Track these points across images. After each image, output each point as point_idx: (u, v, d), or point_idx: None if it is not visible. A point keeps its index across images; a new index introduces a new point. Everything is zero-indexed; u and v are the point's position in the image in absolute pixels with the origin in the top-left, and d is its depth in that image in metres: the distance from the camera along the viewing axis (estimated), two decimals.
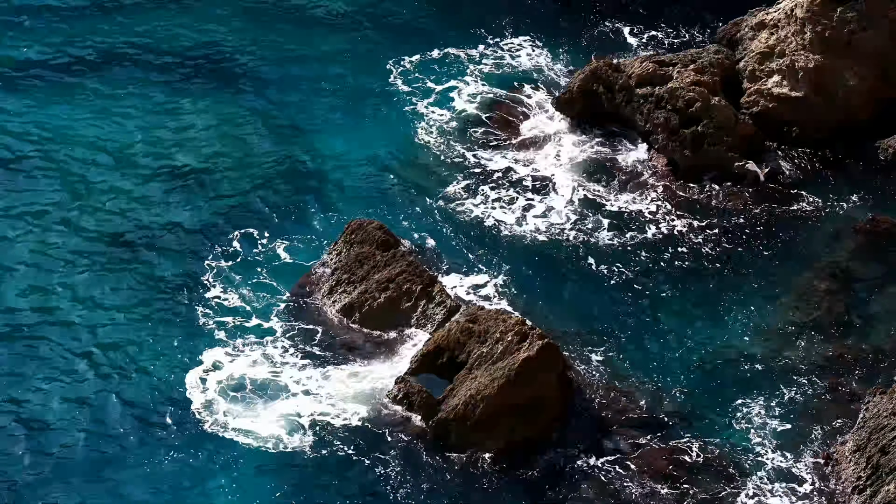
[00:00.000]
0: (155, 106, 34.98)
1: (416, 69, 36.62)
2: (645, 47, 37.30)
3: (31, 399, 26.61)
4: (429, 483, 25.35)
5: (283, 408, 26.60)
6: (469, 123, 34.51)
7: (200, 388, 26.92)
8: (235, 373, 27.30)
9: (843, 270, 30.20)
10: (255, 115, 34.90)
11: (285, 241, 30.69)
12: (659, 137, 33.23)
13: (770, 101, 33.95)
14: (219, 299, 28.96)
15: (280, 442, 25.94)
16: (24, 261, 29.81)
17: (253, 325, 28.38)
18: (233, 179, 32.56)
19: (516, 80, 36.09)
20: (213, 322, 28.38)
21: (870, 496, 24.53)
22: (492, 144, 33.83)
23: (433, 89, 35.80)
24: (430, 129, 34.33)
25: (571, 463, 25.77)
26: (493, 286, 29.50)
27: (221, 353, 27.73)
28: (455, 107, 35.07)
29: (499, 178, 32.81)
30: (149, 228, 30.93)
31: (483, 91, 35.68)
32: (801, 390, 27.34)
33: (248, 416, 26.44)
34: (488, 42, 37.79)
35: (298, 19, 38.95)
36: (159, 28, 38.05)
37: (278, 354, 27.75)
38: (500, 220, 31.52)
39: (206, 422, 26.24)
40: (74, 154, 33.04)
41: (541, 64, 36.88)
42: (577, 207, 31.96)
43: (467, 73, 36.39)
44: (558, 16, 39.03)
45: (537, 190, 32.42)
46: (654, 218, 31.67)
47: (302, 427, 26.25)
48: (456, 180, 32.67)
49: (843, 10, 33.16)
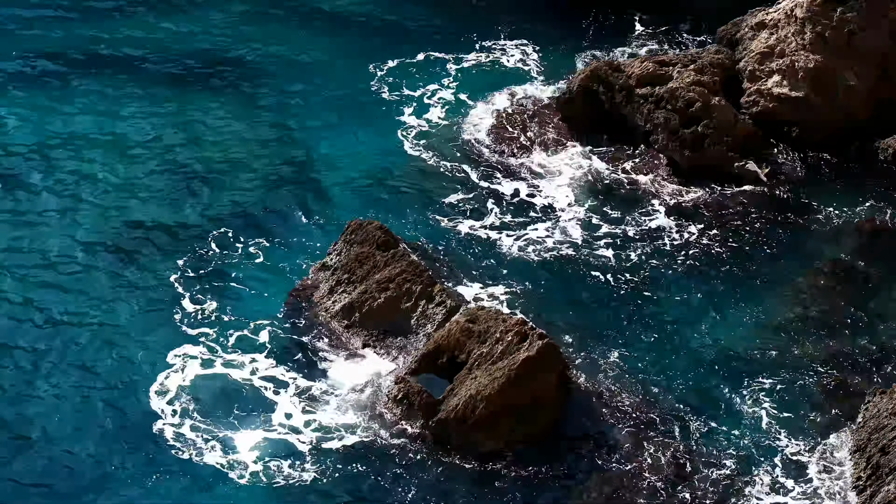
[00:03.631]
0: (149, 108, 34.96)
1: (414, 72, 36.63)
2: (645, 47, 37.28)
3: (17, 402, 26.60)
4: (429, 483, 25.35)
5: (282, 407, 26.61)
6: (467, 125, 34.49)
7: (200, 388, 26.95)
8: (235, 373, 27.31)
9: (843, 270, 30.21)
10: (254, 116, 34.91)
11: (285, 241, 30.70)
12: (659, 137, 33.24)
13: (770, 101, 33.96)
14: (218, 300, 28.97)
15: (279, 441, 25.95)
16: (20, 262, 29.86)
17: (253, 326, 28.38)
18: (231, 180, 32.58)
19: (515, 82, 36.09)
20: (214, 322, 28.39)
21: (870, 496, 24.53)
22: (490, 147, 33.81)
23: (432, 91, 35.83)
24: (428, 132, 34.31)
25: (571, 463, 25.78)
26: (493, 287, 29.50)
27: (221, 353, 27.74)
28: (454, 109, 35.07)
29: (497, 180, 32.81)
30: (146, 229, 30.92)
31: (481, 92, 35.67)
32: (802, 390, 27.35)
33: (248, 416, 26.48)
34: (488, 43, 37.80)
35: (296, 22, 38.99)
36: (152, 32, 38.04)
37: (278, 355, 27.76)
38: (498, 222, 31.51)
39: (205, 422, 26.28)
40: (72, 154, 33.07)
41: (539, 64, 36.88)
42: (577, 208, 31.95)
43: (466, 74, 36.42)
44: (557, 16, 39.02)
45: (535, 191, 32.42)
46: (654, 218, 31.67)
47: (301, 427, 26.25)
48: (454, 182, 32.65)
49: (843, 10, 33.17)
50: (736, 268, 30.40)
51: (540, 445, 26.00)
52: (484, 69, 36.71)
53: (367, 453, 25.82)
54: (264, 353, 27.77)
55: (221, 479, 25.19)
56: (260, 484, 25.16)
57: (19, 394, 26.70)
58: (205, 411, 26.49)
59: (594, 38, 38.04)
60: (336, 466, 25.59)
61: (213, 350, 27.81)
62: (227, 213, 31.55)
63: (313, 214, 31.65)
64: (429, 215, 31.60)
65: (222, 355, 27.70)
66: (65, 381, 26.99)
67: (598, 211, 31.87)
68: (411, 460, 25.74)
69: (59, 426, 26.07)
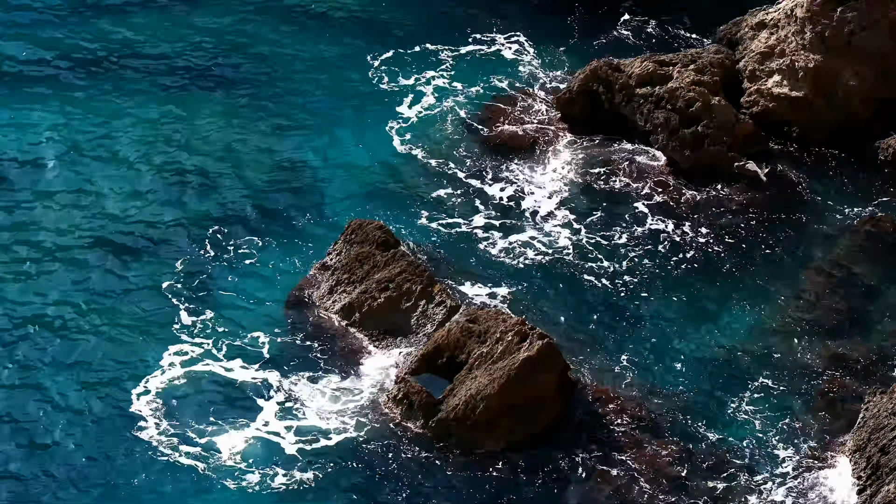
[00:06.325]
0: (146, 108, 34.89)
1: (413, 70, 36.56)
2: (645, 47, 37.27)
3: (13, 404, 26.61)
4: (429, 483, 25.35)
5: (282, 408, 26.61)
6: (466, 125, 34.47)
7: (199, 389, 26.95)
8: (233, 373, 27.30)
9: (843, 270, 30.20)
10: (254, 116, 34.86)
11: (285, 240, 30.70)
12: (659, 137, 33.23)
13: (770, 100, 33.96)
14: (217, 300, 28.96)
15: (279, 441, 25.95)
16: (15, 261, 29.88)
17: (252, 326, 28.38)
18: (229, 180, 32.52)
19: (514, 81, 36.05)
20: (213, 322, 28.38)
21: (870, 496, 24.53)
22: (489, 146, 33.80)
23: (432, 90, 35.77)
24: (428, 131, 34.27)
25: (571, 463, 25.78)
26: (493, 286, 29.49)
27: (220, 353, 27.74)
28: (454, 108, 35.04)
29: (497, 179, 32.80)
30: (143, 229, 30.87)
31: (481, 92, 35.64)
32: (802, 390, 27.36)
33: (247, 416, 26.47)
34: (487, 42, 37.76)
35: (294, 21, 38.84)
36: (148, 32, 37.96)
37: (278, 355, 27.76)
38: (497, 222, 31.50)
39: (204, 423, 26.28)
40: (70, 155, 33.00)
41: (539, 64, 36.85)
42: (576, 208, 31.94)
43: (465, 73, 36.35)
44: (556, 15, 38.97)
45: (535, 191, 32.41)
46: (654, 218, 31.66)
47: (301, 427, 26.24)
48: (454, 182, 32.62)
49: (843, 10, 33.16)
50: (736, 267, 30.40)
51: (540, 445, 26.02)
52: (483, 68, 36.62)
53: (367, 454, 25.81)
54: (264, 353, 27.75)
55: (220, 480, 25.17)
56: (260, 485, 25.14)
57: (8, 394, 26.67)
58: (203, 412, 26.48)
59: (595, 37, 37.96)
60: (336, 467, 25.58)
61: (212, 350, 27.79)
62: (226, 213, 31.51)
63: (313, 214, 31.63)
64: (429, 215, 31.57)
65: (221, 355, 27.69)
66: (55, 381, 26.93)
67: (597, 211, 31.86)
68: (411, 460, 25.73)
69: (47, 427, 26.01)
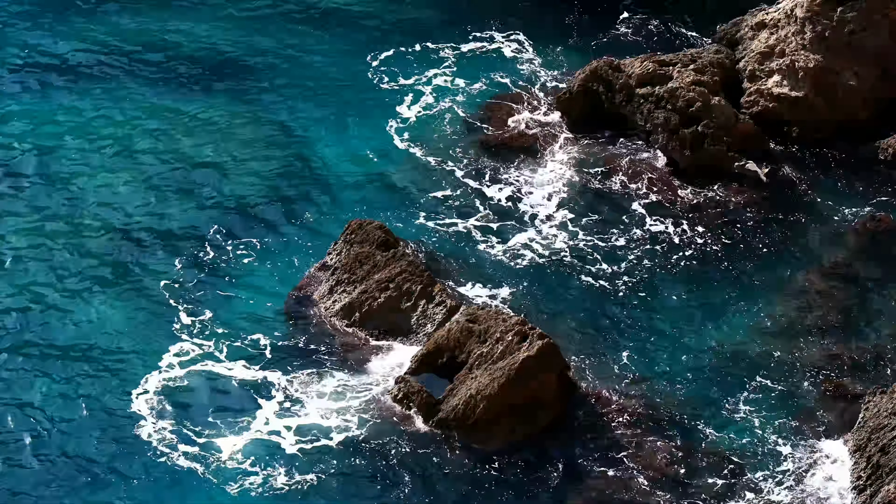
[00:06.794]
0: (145, 108, 34.92)
1: (412, 70, 36.55)
2: (645, 47, 37.25)
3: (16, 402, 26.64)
4: (428, 483, 25.34)
5: (281, 408, 26.60)
6: (466, 124, 34.47)
7: (199, 389, 26.96)
8: (233, 373, 27.30)
9: (843, 270, 30.19)
10: (253, 116, 34.86)
11: (284, 240, 30.70)
12: (659, 137, 33.23)
13: (770, 100, 33.95)
14: (217, 299, 28.97)
15: (279, 442, 25.94)
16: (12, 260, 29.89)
17: (252, 325, 28.38)
18: (229, 179, 32.53)
19: (514, 80, 36.04)
20: (212, 322, 28.39)
21: (870, 496, 24.53)
22: (489, 145, 33.79)
23: (431, 89, 35.76)
24: (428, 131, 34.26)
25: (571, 462, 25.77)
26: (493, 286, 29.50)
27: (220, 353, 27.74)
28: (453, 108, 35.03)
29: (497, 179, 32.80)
30: (143, 228, 30.89)
31: (481, 91, 35.65)
32: (801, 390, 27.35)
33: (246, 416, 26.47)
34: (485, 41, 37.75)
35: (295, 21, 38.84)
36: (148, 31, 37.99)
37: (277, 355, 27.75)
38: (497, 221, 31.50)
39: (202, 423, 26.29)
40: (69, 155, 33.03)
41: (539, 63, 36.84)
42: (576, 208, 31.94)
43: (465, 73, 36.35)
44: (556, 13, 38.97)
45: (535, 190, 32.40)
46: (654, 218, 31.65)
47: (301, 427, 26.25)
48: (455, 181, 32.62)
49: (843, 10, 33.16)
50: (735, 267, 30.40)
51: (540, 446, 26.01)
52: (482, 67, 36.61)
53: (367, 454, 25.81)
54: (264, 353, 27.76)
55: (220, 480, 25.17)
56: (260, 484, 25.15)
57: (7, 394, 26.67)
58: (203, 411, 26.48)
59: (595, 37, 37.94)
60: (335, 467, 25.57)
61: (212, 350, 27.79)
62: (226, 213, 31.50)
63: (313, 214, 31.63)
64: (429, 215, 31.57)
65: (221, 355, 27.69)
66: (55, 381, 26.94)
67: (597, 211, 31.85)
68: (411, 460, 25.73)
69: (47, 427, 26.01)
